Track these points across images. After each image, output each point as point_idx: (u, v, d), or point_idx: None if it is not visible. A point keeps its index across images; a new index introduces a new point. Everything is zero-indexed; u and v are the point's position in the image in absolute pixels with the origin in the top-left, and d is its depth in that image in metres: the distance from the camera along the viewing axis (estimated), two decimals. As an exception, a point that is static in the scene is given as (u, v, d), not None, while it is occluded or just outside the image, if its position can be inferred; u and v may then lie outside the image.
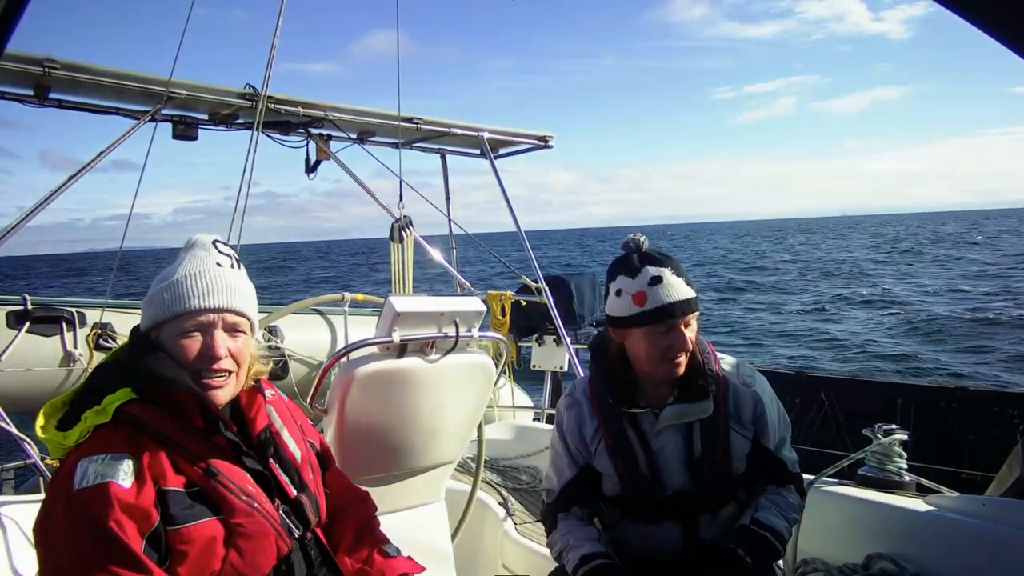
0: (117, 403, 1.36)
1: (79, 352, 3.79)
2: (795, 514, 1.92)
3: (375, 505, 1.84)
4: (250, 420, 1.56)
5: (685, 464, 1.87)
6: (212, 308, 1.47)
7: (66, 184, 3.41)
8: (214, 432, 1.44)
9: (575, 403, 2.00)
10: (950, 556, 2.15)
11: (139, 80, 3.42)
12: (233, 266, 1.55)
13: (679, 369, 1.86)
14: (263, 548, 1.41)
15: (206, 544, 1.34)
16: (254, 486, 1.45)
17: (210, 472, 1.39)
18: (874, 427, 2.56)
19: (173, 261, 1.56)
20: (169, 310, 1.45)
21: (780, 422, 1.97)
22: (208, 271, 1.50)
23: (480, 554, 3.17)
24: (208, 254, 1.53)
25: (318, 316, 4.60)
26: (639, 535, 1.93)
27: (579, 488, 1.96)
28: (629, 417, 1.90)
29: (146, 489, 1.30)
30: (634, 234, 1.93)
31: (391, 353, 2.15)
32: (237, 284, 1.53)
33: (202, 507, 1.36)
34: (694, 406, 1.87)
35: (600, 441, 1.92)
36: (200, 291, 1.47)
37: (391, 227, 4.61)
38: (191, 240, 1.57)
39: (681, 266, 1.90)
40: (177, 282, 1.47)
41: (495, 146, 5.10)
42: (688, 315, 1.84)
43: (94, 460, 1.30)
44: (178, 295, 1.46)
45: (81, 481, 1.27)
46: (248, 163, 3.51)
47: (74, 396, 1.42)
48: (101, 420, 1.34)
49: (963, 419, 4.43)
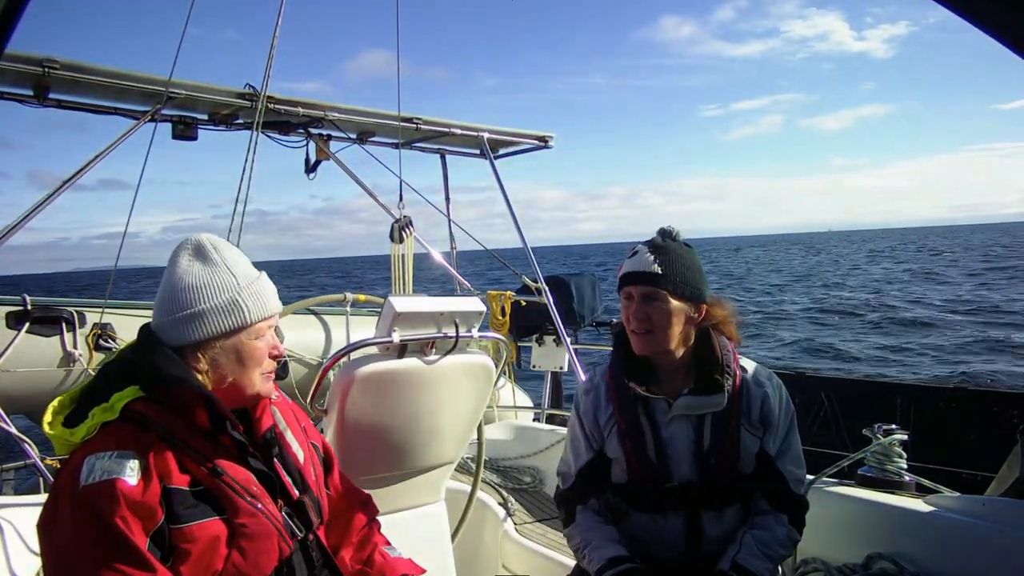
0: (125, 400, 1.35)
1: (79, 352, 3.80)
2: (783, 550, 1.90)
3: (376, 508, 1.84)
4: (255, 420, 1.56)
5: (693, 455, 1.89)
6: (279, 309, 1.55)
7: (66, 184, 3.41)
8: (220, 431, 1.44)
9: (593, 387, 2.05)
10: (950, 556, 2.15)
11: (139, 80, 3.42)
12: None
13: (645, 346, 1.92)
14: (265, 549, 1.41)
15: (209, 543, 1.34)
16: (258, 487, 1.45)
17: (215, 472, 1.39)
18: (874, 427, 2.56)
19: (185, 270, 1.48)
20: (254, 316, 1.47)
21: (785, 429, 1.96)
22: (258, 273, 1.54)
23: (480, 554, 3.17)
24: (235, 252, 1.54)
25: (318, 316, 4.60)
26: (645, 527, 1.94)
27: (594, 473, 1.99)
28: (643, 404, 1.93)
29: (152, 487, 1.30)
30: (668, 226, 2.02)
31: (391, 353, 2.15)
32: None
33: (206, 506, 1.36)
34: (707, 399, 1.89)
35: (613, 425, 1.96)
36: (271, 292, 1.53)
37: (391, 227, 4.60)
38: (203, 242, 1.51)
39: (673, 250, 1.93)
40: (254, 288, 1.49)
41: (495, 146, 5.10)
42: (643, 287, 1.90)
43: (101, 457, 1.29)
44: (261, 300, 1.49)
45: (88, 477, 1.27)
46: (248, 163, 3.51)
47: (82, 393, 1.42)
48: (108, 417, 1.34)
49: (963, 419, 4.43)
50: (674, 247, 1.95)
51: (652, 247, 1.95)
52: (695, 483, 1.88)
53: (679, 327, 1.92)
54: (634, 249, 1.99)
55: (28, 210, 3.28)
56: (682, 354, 1.95)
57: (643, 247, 1.97)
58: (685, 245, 1.99)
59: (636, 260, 1.95)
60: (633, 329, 1.93)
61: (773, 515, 1.92)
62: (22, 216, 3.26)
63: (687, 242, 2.01)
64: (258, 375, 1.50)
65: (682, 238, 2.01)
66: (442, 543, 2.54)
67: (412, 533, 2.33)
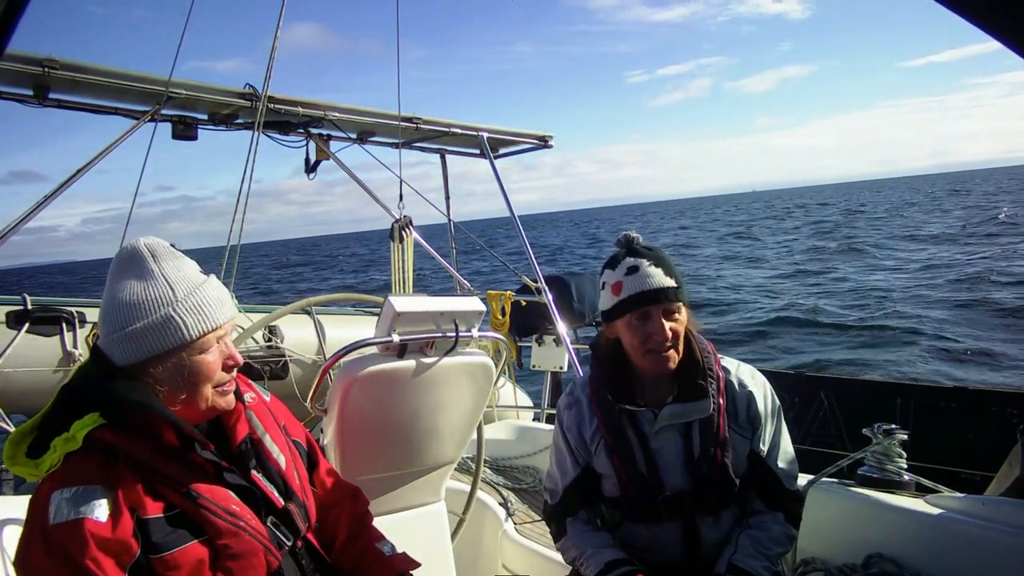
0: (86, 430, 1.28)
1: (79, 352, 3.80)
2: (779, 548, 1.87)
3: (366, 500, 1.82)
4: (230, 429, 1.50)
5: (684, 464, 1.86)
6: (230, 316, 1.43)
7: (67, 183, 3.42)
8: (191, 450, 1.37)
9: (575, 402, 2.00)
10: (950, 556, 2.15)
11: (139, 80, 3.42)
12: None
13: (668, 363, 1.84)
14: (252, 566, 1.37)
15: (193, 568, 1.31)
16: (238, 504, 1.40)
17: (190, 495, 1.34)
18: (874, 427, 2.55)
19: (121, 282, 1.37)
20: (193, 332, 1.35)
21: (773, 427, 1.94)
22: (203, 280, 1.41)
23: (480, 554, 3.17)
24: (176, 260, 1.41)
25: (318, 316, 4.60)
26: (641, 537, 1.93)
27: (581, 489, 1.96)
28: (628, 416, 1.90)
29: (123, 521, 1.26)
30: (627, 231, 1.95)
31: (391, 353, 2.15)
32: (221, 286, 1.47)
33: (184, 531, 1.32)
34: (692, 405, 1.86)
35: (599, 441, 1.92)
36: (218, 301, 1.40)
37: (391, 227, 4.61)
38: (140, 251, 1.39)
39: (665, 258, 1.90)
40: (194, 302, 1.36)
41: (495, 146, 5.11)
42: (664, 303, 1.83)
43: (66, 492, 1.25)
44: (204, 315, 1.36)
45: (56, 516, 1.23)
46: (248, 164, 3.52)
47: (41, 420, 1.35)
48: (71, 447, 1.27)
49: (963, 419, 4.43)
50: (660, 253, 1.90)
51: (651, 257, 1.87)
52: (688, 491, 1.85)
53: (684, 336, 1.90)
54: (625, 264, 1.88)
55: (29, 210, 3.28)
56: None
57: (640, 260, 1.87)
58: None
59: (643, 277, 1.84)
60: (654, 348, 1.83)
61: (768, 514, 1.90)
62: (23, 216, 3.26)
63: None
64: (210, 390, 1.40)
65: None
66: (442, 543, 2.54)
67: (412, 533, 2.33)
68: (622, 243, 1.94)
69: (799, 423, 4.81)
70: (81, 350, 3.81)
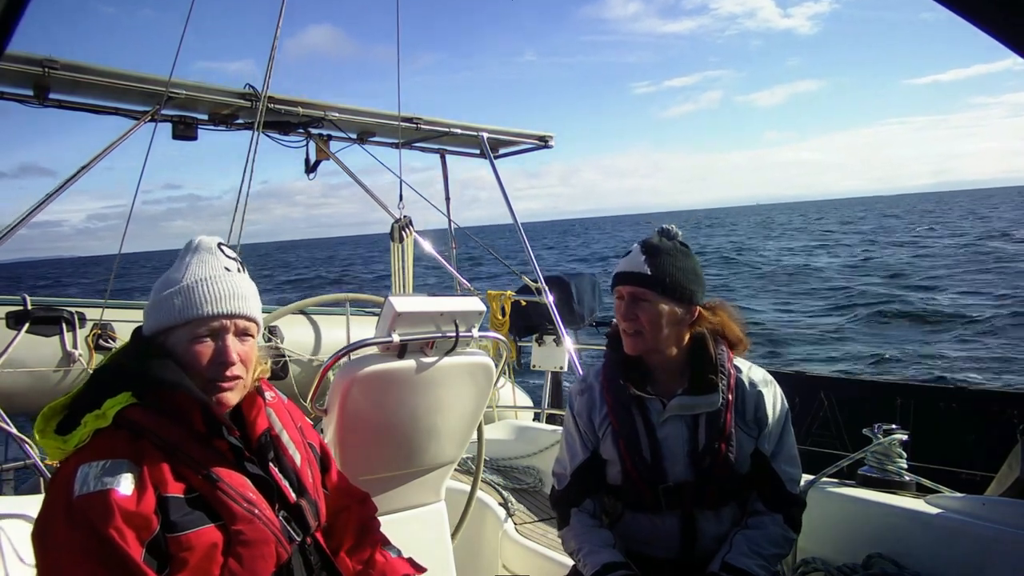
0: (117, 407, 1.33)
1: (79, 352, 3.80)
2: (775, 548, 1.88)
3: (375, 506, 1.84)
4: (250, 423, 1.54)
5: (688, 455, 1.89)
6: (225, 314, 1.46)
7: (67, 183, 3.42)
8: (215, 436, 1.42)
9: (587, 388, 2.04)
10: (950, 556, 2.15)
11: (139, 80, 3.42)
12: (239, 270, 1.55)
13: (629, 344, 1.93)
14: (263, 555, 1.40)
15: (206, 551, 1.33)
16: (255, 492, 1.44)
17: (210, 478, 1.37)
18: (874, 427, 2.55)
19: (173, 264, 1.53)
20: (181, 316, 1.44)
21: (780, 429, 1.96)
22: (219, 276, 1.49)
23: (480, 554, 3.17)
24: (215, 258, 1.52)
25: (318, 316, 4.60)
26: (640, 527, 1.94)
27: (589, 474, 1.98)
28: (637, 404, 1.93)
29: (147, 496, 1.29)
30: (670, 224, 2.02)
31: (391, 353, 2.15)
32: (246, 289, 1.53)
33: (202, 514, 1.35)
34: (701, 398, 1.89)
35: (607, 426, 1.95)
36: (213, 297, 1.46)
37: (391, 227, 4.61)
38: (194, 243, 1.55)
39: (669, 253, 1.92)
40: (188, 287, 1.45)
41: (495, 146, 5.11)
42: (630, 287, 1.91)
43: (94, 466, 1.28)
44: (190, 301, 1.44)
45: (81, 487, 1.26)
46: (249, 163, 3.51)
47: (73, 399, 1.41)
48: (101, 424, 1.33)
49: (963, 419, 4.42)
50: (668, 247, 1.94)
51: (645, 247, 1.95)
52: (690, 483, 1.88)
53: (669, 328, 1.91)
54: (629, 248, 2.00)
55: (29, 209, 3.28)
56: (676, 354, 1.95)
57: (637, 247, 1.96)
58: (682, 245, 1.98)
59: (628, 260, 1.95)
60: (623, 329, 1.94)
61: (768, 515, 1.91)
62: (24, 215, 3.26)
63: (683, 242, 1.99)
64: (190, 380, 1.41)
65: (680, 237, 2.00)
66: (442, 543, 2.54)
67: (412, 533, 2.33)
68: (656, 231, 2.02)
69: (799, 423, 4.80)
70: (81, 350, 3.81)
